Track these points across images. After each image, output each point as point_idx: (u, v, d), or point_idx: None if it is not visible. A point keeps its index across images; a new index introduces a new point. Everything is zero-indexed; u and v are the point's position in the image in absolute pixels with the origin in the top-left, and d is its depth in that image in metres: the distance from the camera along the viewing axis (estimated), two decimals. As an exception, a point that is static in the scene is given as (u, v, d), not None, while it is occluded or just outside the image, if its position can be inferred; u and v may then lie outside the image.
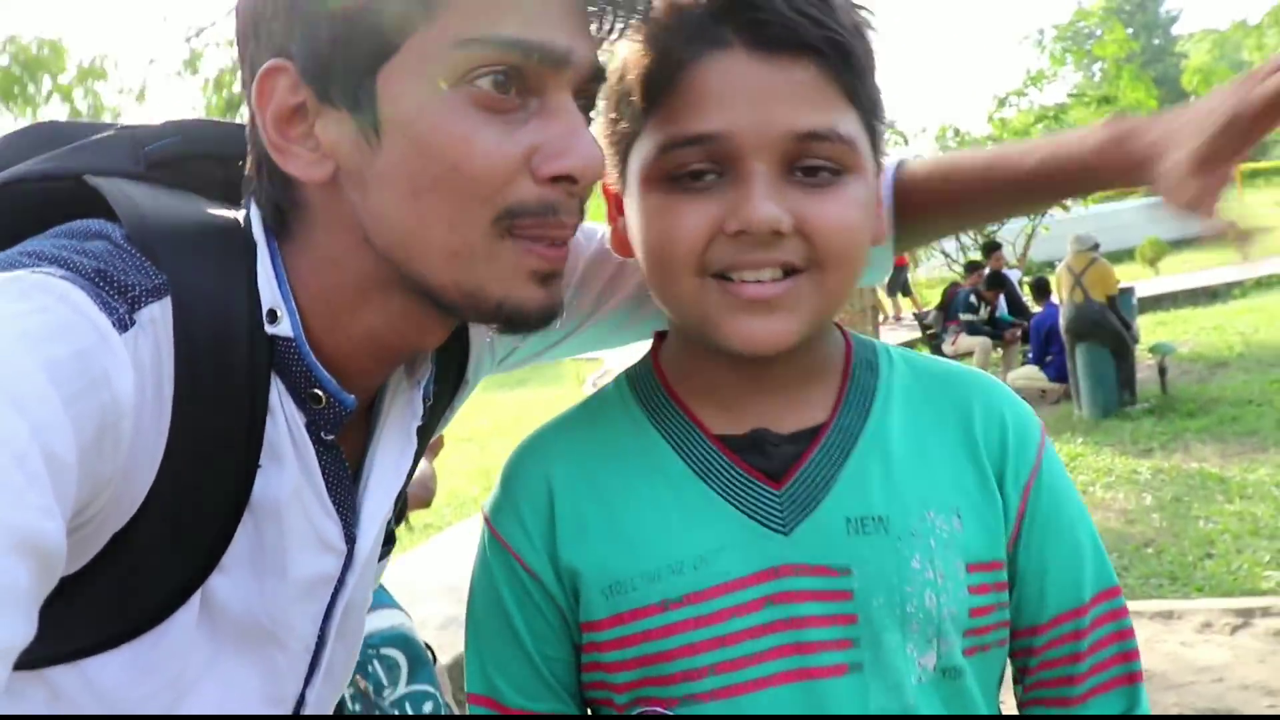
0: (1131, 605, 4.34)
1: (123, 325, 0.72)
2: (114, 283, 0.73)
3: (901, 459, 0.89)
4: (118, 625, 0.80)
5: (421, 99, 0.75)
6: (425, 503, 3.04)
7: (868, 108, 0.84)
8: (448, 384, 1.03)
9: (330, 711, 1.02)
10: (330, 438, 0.86)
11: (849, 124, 0.82)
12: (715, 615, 0.84)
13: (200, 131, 0.95)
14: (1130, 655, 0.91)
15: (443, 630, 5.07)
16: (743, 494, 0.87)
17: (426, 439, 1.01)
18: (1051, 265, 12.40)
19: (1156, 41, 51.01)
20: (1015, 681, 0.95)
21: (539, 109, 0.77)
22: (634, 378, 0.98)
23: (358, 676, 2.29)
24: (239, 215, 0.85)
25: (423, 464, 3.12)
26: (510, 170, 0.76)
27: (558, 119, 0.77)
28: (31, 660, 0.78)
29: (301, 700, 0.94)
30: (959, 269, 13.71)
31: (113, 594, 0.78)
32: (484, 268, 0.78)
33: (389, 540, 1.02)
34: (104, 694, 0.81)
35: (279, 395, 0.82)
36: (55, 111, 10.47)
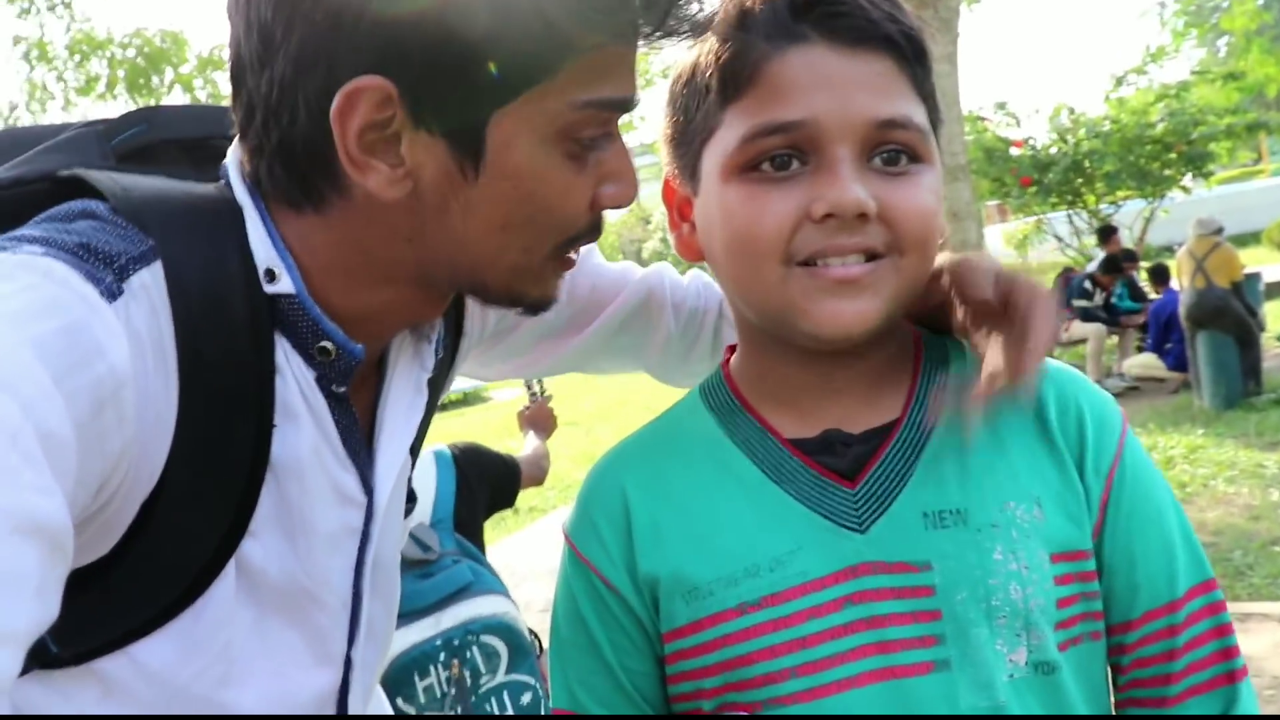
0: (1258, 607, 4.17)
1: (111, 295, 0.72)
2: (98, 253, 0.73)
3: (977, 451, 0.87)
4: (159, 602, 0.81)
5: (532, 150, 0.80)
6: (538, 481, 3.11)
7: (931, 105, 0.87)
8: (449, 336, 1.07)
9: (377, 673, 1.05)
10: (342, 390, 0.88)
11: (920, 115, 0.85)
12: (794, 617, 0.83)
13: (167, 117, 0.96)
14: (1231, 652, 0.87)
15: (545, 613, 5.11)
16: (817, 495, 0.86)
17: (437, 391, 1.06)
18: (1171, 250, 11.93)
19: (1288, 13, 48.53)
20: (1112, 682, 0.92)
21: (604, 140, 0.86)
22: (706, 389, 0.99)
23: (455, 662, 2.32)
24: (219, 187, 0.86)
25: (536, 443, 3.20)
26: (585, 206, 0.86)
27: (616, 150, 0.87)
28: (80, 654, 0.80)
29: (349, 662, 0.96)
30: (1072, 253, 13.30)
31: (149, 571, 0.79)
32: (534, 279, 0.89)
33: (410, 498, 1.06)
34: (155, 676, 0.82)
35: (285, 353, 0.84)
36: (177, 101, 10.90)
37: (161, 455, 0.76)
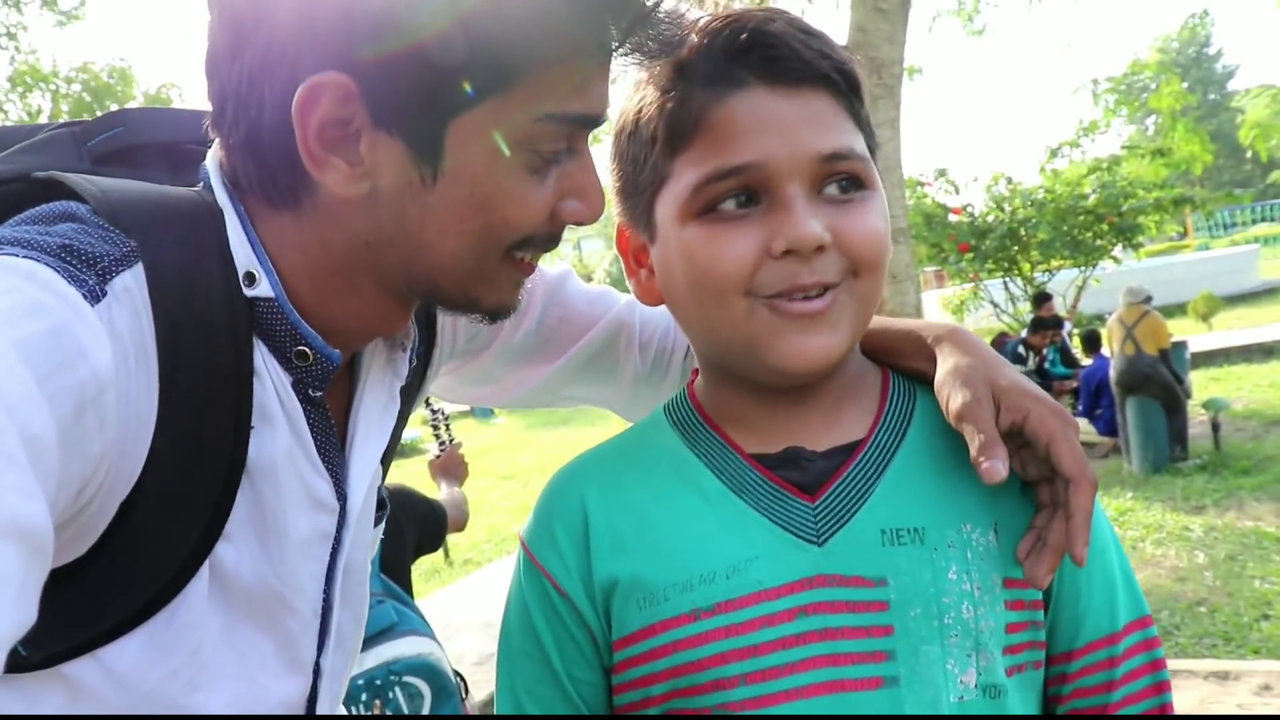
0: (1184, 664, 4.24)
1: (94, 297, 0.72)
2: (81, 255, 0.73)
3: (939, 473, 0.89)
4: (132, 604, 0.80)
5: (490, 159, 0.80)
6: (461, 525, 3.11)
7: (867, 130, 0.90)
8: (422, 346, 1.07)
9: (344, 683, 1.04)
10: (319, 394, 0.88)
11: (860, 143, 0.88)
12: (747, 624, 0.84)
13: (144, 120, 0.96)
14: (1163, 686, 0.91)
15: (479, 666, 5.06)
16: (776, 507, 0.88)
17: (411, 399, 1.07)
18: (1102, 318, 12.23)
19: (1213, 96, 50.57)
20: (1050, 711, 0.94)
21: (567, 154, 0.86)
22: (670, 406, 1.01)
23: (376, 701, 2.28)
24: (198, 191, 0.86)
25: (453, 490, 3.19)
26: (540, 220, 0.86)
27: (580, 166, 0.87)
28: (48, 657, 0.78)
29: (318, 669, 0.96)
30: (1008, 319, 13.58)
31: (124, 572, 0.78)
32: (488, 283, 0.88)
33: (380, 506, 1.05)
34: (123, 680, 0.81)
35: (263, 357, 0.84)
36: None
37: (141, 456, 0.76)
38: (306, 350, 0.85)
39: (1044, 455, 0.83)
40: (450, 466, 3.33)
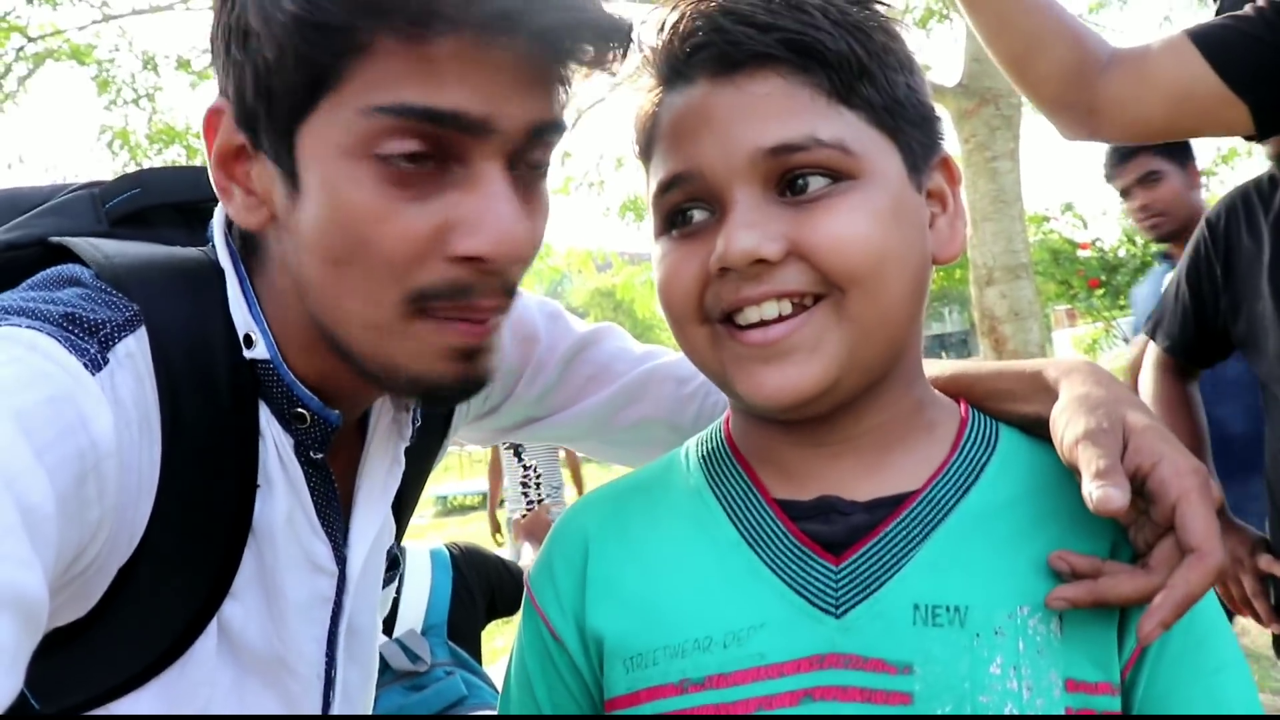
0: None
1: (95, 365, 0.71)
2: (82, 324, 0.73)
3: (999, 542, 0.73)
4: (142, 660, 0.80)
5: (335, 165, 0.72)
6: None
7: (878, 105, 0.73)
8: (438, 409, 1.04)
9: None
10: (319, 456, 0.85)
11: (836, 127, 0.72)
12: (740, 704, 0.71)
13: (161, 180, 0.96)
14: None
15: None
16: (794, 566, 0.74)
17: (421, 462, 1.03)
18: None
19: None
20: None
21: (461, 178, 0.74)
22: (702, 440, 0.89)
23: None
24: (204, 251, 0.86)
25: (533, 555, 3.09)
26: (420, 251, 0.73)
27: (475, 192, 0.73)
28: (61, 711, 0.79)
29: None
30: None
31: (131, 629, 0.78)
32: (398, 344, 0.76)
33: (392, 565, 1.02)
34: None
35: (266, 419, 0.82)
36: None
37: (142, 519, 0.75)
38: (304, 412, 0.83)
39: (1166, 515, 0.66)
40: (535, 528, 3.24)
